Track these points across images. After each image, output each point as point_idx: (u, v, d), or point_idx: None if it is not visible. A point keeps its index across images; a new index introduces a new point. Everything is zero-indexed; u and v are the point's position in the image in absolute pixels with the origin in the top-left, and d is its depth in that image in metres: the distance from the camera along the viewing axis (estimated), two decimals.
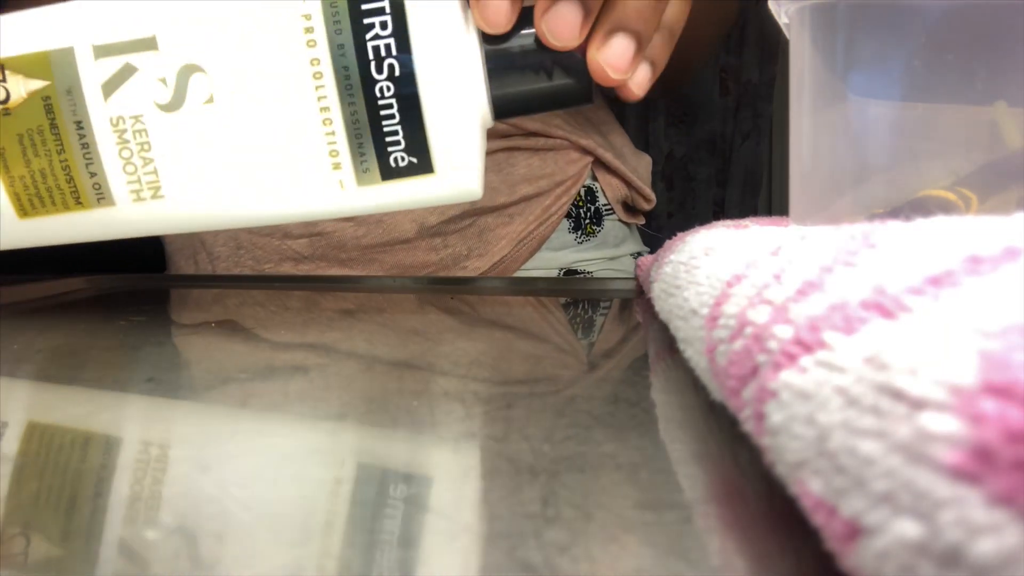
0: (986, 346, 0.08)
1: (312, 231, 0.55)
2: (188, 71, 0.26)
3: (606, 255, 0.60)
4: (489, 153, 0.55)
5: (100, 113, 0.27)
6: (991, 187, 0.21)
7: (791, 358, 0.11)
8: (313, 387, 0.21)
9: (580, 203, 0.59)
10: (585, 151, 0.58)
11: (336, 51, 0.25)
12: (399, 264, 0.56)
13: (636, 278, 0.38)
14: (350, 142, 0.26)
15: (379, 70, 0.25)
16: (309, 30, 0.25)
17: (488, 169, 0.53)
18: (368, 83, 0.26)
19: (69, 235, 0.29)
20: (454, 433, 0.17)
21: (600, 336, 0.30)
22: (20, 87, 0.27)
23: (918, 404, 0.08)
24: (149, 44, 0.26)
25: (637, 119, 1.49)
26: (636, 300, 0.37)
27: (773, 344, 0.12)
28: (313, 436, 0.17)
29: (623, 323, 0.33)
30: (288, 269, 0.54)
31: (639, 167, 0.63)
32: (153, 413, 0.19)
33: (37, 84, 0.27)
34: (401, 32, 0.25)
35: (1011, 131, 0.21)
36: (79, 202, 0.28)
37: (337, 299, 0.38)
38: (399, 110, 0.26)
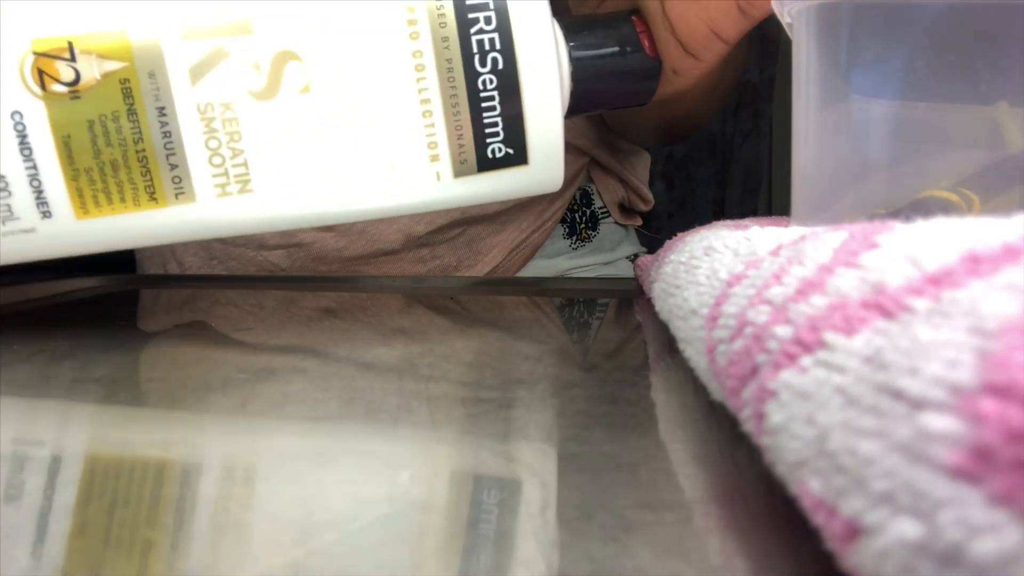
0: (986, 346, 0.08)
1: (290, 241, 0.51)
2: (284, 58, 0.25)
3: (601, 260, 0.58)
4: None
5: (186, 99, 0.24)
6: (993, 188, 0.21)
7: (791, 358, 0.11)
8: (312, 387, 0.21)
9: (575, 207, 0.57)
10: (580, 152, 0.57)
11: (440, 44, 0.25)
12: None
13: (636, 278, 0.38)
14: (449, 134, 0.26)
15: (483, 63, 0.25)
16: (412, 22, 0.25)
17: None
18: (471, 76, 0.25)
19: (135, 237, 0.26)
20: (454, 433, 0.17)
21: (600, 336, 0.30)
22: (93, 68, 0.24)
23: (918, 404, 0.08)
24: (243, 28, 0.25)
25: None
26: (636, 300, 0.36)
27: (773, 344, 0.12)
28: (313, 436, 0.17)
29: (623, 323, 0.33)
30: None
31: (637, 165, 0.62)
32: (153, 413, 0.19)
33: (114, 66, 0.24)
34: (505, 28, 0.25)
35: (1013, 132, 0.21)
36: (153, 198, 0.25)
37: (337, 297, 0.38)
38: (500, 103, 0.26)
